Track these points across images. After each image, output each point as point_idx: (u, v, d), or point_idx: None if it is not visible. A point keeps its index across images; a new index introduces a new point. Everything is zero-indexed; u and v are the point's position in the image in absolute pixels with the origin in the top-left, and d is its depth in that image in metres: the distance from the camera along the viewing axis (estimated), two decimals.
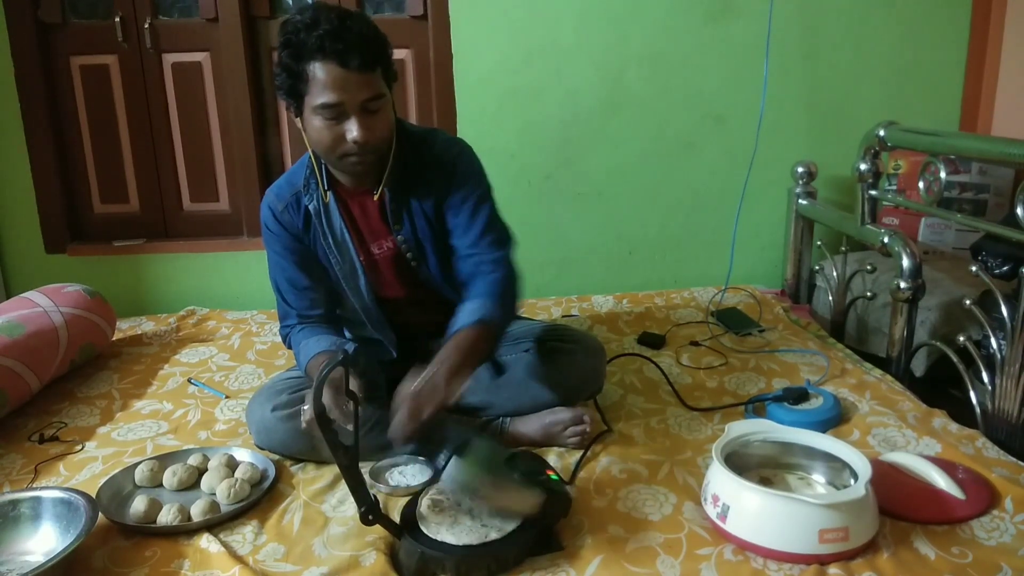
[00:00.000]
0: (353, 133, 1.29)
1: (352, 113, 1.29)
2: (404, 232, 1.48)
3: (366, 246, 1.50)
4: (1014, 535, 1.17)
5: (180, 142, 2.46)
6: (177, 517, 1.23)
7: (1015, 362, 1.50)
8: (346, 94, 1.27)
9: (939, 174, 1.74)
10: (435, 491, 1.24)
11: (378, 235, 1.50)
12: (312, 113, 1.30)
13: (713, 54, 2.40)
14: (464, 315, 1.37)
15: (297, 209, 1.47)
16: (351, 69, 1.26)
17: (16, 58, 2.32)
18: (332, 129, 1.30)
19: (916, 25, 2.42)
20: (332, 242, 1.47)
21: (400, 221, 1.47)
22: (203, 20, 2.35)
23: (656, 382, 1.75)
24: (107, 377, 1.90)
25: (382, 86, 1.32)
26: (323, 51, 1.25)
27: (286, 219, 1.48)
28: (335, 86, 1.26)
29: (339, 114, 1.29)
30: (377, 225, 1.49)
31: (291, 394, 1.45)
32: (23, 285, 2.33)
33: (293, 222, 1.48)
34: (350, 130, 1.29)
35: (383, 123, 1.33)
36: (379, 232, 1.49)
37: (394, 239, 1.49)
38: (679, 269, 2.57)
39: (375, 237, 1.50)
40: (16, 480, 1.43)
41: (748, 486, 1.15)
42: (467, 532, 1.15)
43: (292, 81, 1.30)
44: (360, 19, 1.30)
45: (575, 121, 2.44)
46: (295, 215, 1.48)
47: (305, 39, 1.26)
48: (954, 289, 1.92)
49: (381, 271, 1.53)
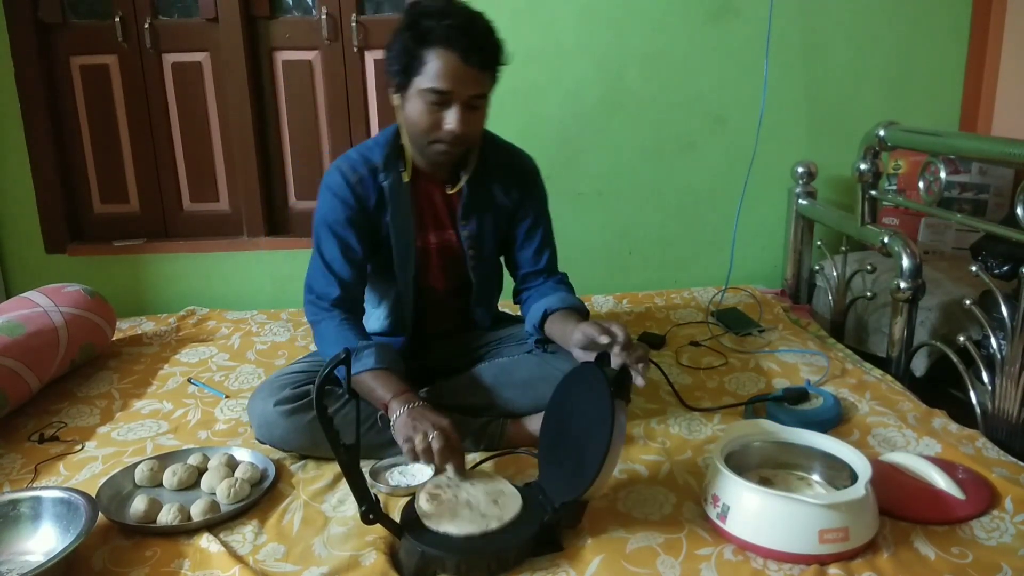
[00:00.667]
0: (451, 123, 1.36)
1: (456, 104, 1.35)
2: (470, 228, 1.55)
3: (424, 233, 1.55)
4: (1014, 535, 1.17)
5: (180, 142, 2.47)
6: (177, 517, 1.23)
7: (1015, 362, 1.50)
8: (457, 85, 1.34)
9: (939, 174, 1.74)
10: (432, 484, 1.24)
11: (439, 226, 1.55)
12: (418, 95, 1.37)
13: (713, 54, 2.40)
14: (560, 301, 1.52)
15: (372, 183, 1.49)
16: (469, 64, 1.33)
17: (16, 58, 2.32)
18: (433, 114, 1.37)
19: (916, 25, 2.42)
20: (397, 222, 1.50)
21: (468, 217, 1.54)
22: (203, 20, 2.35)
23: (656, 382, 1.75)
24: (107, 377, 1.90)
25: (488, 86, 1.40)
26: (448, 41, 1.32)
27: (359, 190, 1.49)
28: (449, 76, 1.33)
29: (444, 102, 1.36)
30: (442, 216, 1.55)
31: (294, 389, 1.45)
32: (23, 285, 2.33)
33: (365, 194, 1.49)
34: (449, 120, 1.36)
35: (479, 121, 1.42)
36: (442, 223, 1.55)
37: (456, 233, 1.55)
38: (679, 269, 2.57)
39: (435, 227, 1.55)
40: (16, 480, 1.43)
41: (748, 486, 1.15)
42: (468, 523, 1.15)
43: (407, 60, 1.35)
44: (485, 21, 1.38)
45: (575, 121, 2.44)
46: (369, 188, 1.49)
47: (433, 26, 1.32)
48: (954, 289, 1.92)
49: (430, 261, 1.57)
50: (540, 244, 1.64)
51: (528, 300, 1.62)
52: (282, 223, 2.54)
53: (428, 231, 1.55)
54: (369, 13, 2.40)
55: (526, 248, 1.63)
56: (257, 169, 2.44)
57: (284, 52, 2.41)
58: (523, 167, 1.61)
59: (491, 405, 1.52)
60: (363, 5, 2.39)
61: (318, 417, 1.09)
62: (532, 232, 1.62)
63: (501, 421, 1.50)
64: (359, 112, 2.44)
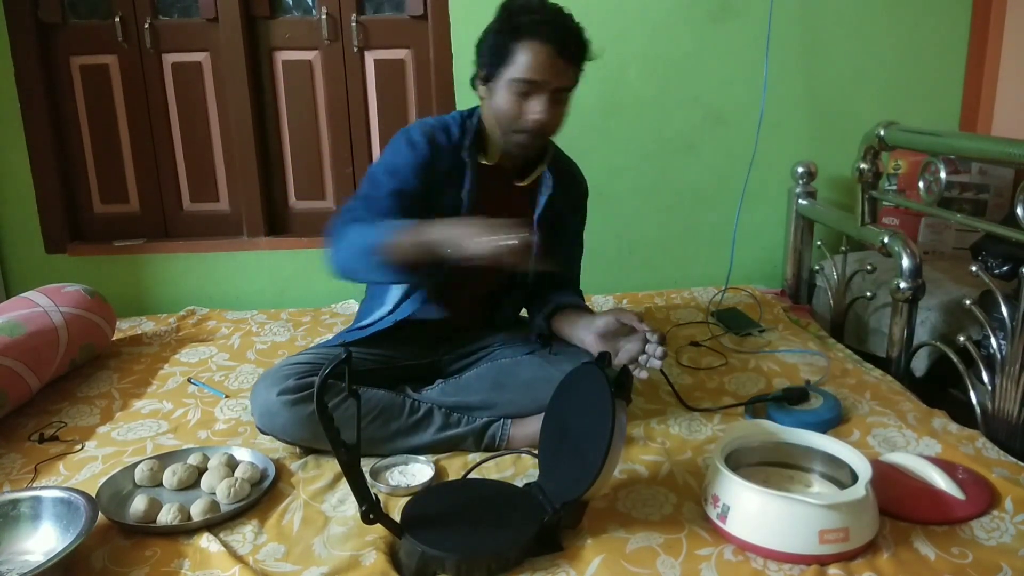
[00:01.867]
0: (537, 112, 1.42)
1: (544, 94, 1.41)
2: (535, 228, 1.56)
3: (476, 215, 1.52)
4: (1014, 535, 1.17)
5: (180, 142, 2.46)
6: (177, 517, 1.23)
7: (1015, 362, 1.50)
8: (547, 76, 1.40)
9: (939, 174, 1.74)
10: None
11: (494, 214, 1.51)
12: (507, 85, 1.42)
13: (713, 54, 2.40)
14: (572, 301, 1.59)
15: (448, 153, 1.52)
16: (560, 56, 1.39)
17: (16, 58, 2.32)
18: (519, 104, 1.43)
19: (916, 25, 2.42)
20: (469, 201, 1.53)
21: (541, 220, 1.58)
22: (203, 20, 2.35)
23: (656, 382, 1.75)
24: (107, 377, 1.90)
25: (574, 82, 1.45)
26: (539, 34, 1.38)
27: (435, 148, 1.50)
28: (541, 66, 1.39)
29: (532, 91, 1.41)
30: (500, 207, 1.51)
31: (297, 379, 1.45)
32: (23, 285, 2.33)
33: (441, 155, 1.51)
34: (535, 108, 1.42)
35: (561, 114, 1.48)
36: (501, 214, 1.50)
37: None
38: (679, 269, 2.57)
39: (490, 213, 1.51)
40: (16, 480, 1.43)
41: (748, 486, 1.15)
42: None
43: (498, 53, 1.42)
44: (574, 19, 1.43)
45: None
46: (444, 156, 1.51)
47: (526, 20, 1.39)
48: (954, 289, 1.92)
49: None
50: (570, 259, 1.70)
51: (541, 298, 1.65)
52: (282, 223, 2.54)
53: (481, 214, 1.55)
54: (369, 13, 2.40)
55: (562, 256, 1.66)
56: (257, 169, 2.44)
57: (284, 52, 2.41)
58: (580, 181, 1.71)
59: (492, 405, 1.52)
60: (363, 5, 2.39)
61: (319, 416, 1.09)
62: (566, 245, 1.67)
63: (502, 421, 1.50)
64: (359, 112, 2.44)
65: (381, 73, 2.42)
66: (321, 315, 2.28)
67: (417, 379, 1.61)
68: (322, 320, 2.24)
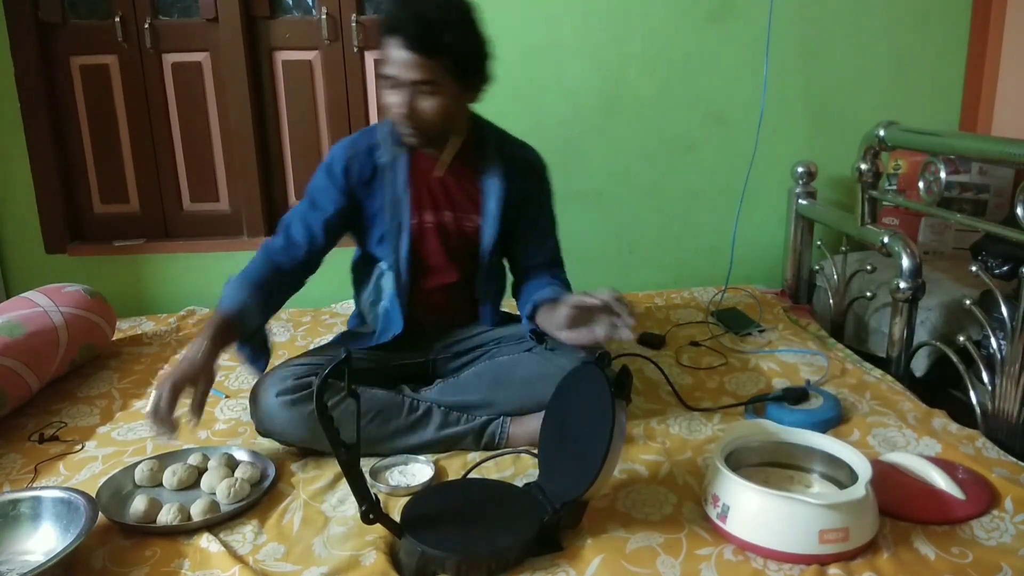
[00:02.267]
0: (396, 104, 1.43)
1: (402, 88, 1.42)
2: (482, 215, 1.58)
3: (422, 212, 1.58)
4: (1014, 535, 1.17)
5: (180, 142, 2.46)
6: (177, 517, 1.23)
7: (1015, 362, 1.50)
8: (399, 71, 1.40)
9: (939, 174, 1.74)
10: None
11: (437, 207, 1.58)
12: (383, 81, 1.45)
13: (713, 54, 2.40)
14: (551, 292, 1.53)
15: (368, 159, 1.56)
16: (410, 51, 1.38)
17: (16, 58, 2.32)
18: (390, 96, 1.44)
19: (916, 25, 2.42)
20: (390, 197, 1.55)
21: (483, 205, 1.58)
22: (203, 20, 2.35)
23: (656, 382, 1.75)
24: (107, 377, 1.90)
25: (438, 74, 1.41)
26: (394, 29, 1.39)
27: (354, 166, 1.56)
28: (393, 62, 1.41)
29: (395, 86, 1.43)
30: (439, 198, 1.58)
31: (296, 380, 1.45)
32: (23, 285, 2.33)
33: (361, 170, 1.56)
34: (393, 101, 1.44)
35: (433, 108, 1.43)
36: (438, 204, 1.59)
37: (457, 217, 1.58)
38: (679, 269, 2.57)
39: (436, 208, 1.59)
40: (16, 480, 1.43)
41: (748, 486, 1.15)
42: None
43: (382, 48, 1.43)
44: (442, 9, 1.40)
45: (575, 121, 2.44)
46: (364, 165, 1.56)
47: (390, 14, 1.40)
48: (954, 289, 1.92)
49: (426, 240, 1.59)
50: (542, 238, 1.68)
51: (523, 293, 1.64)
52: None
53: (425, 210, 1.58)
54: (369, 13, 2.39)
55: (530, 243, 1.66)
56: (257, 169, 2.44)
57: (284, 52, 2.41)
58: (533, 162, 1.67)
59: (491, 404, 1.52)
60: (363, 5, 2.39)
61: (318, 415, 1.09)
62: (536, 227, 1.66)
63: (501, 419, 1.50)
64: (359, 112, 2.44)
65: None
66: (321, 315, 2.28)
67: (416, 379, 1.61)
68: (322, 320, 2.24)
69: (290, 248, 1.55)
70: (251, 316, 1.47)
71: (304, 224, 1.56)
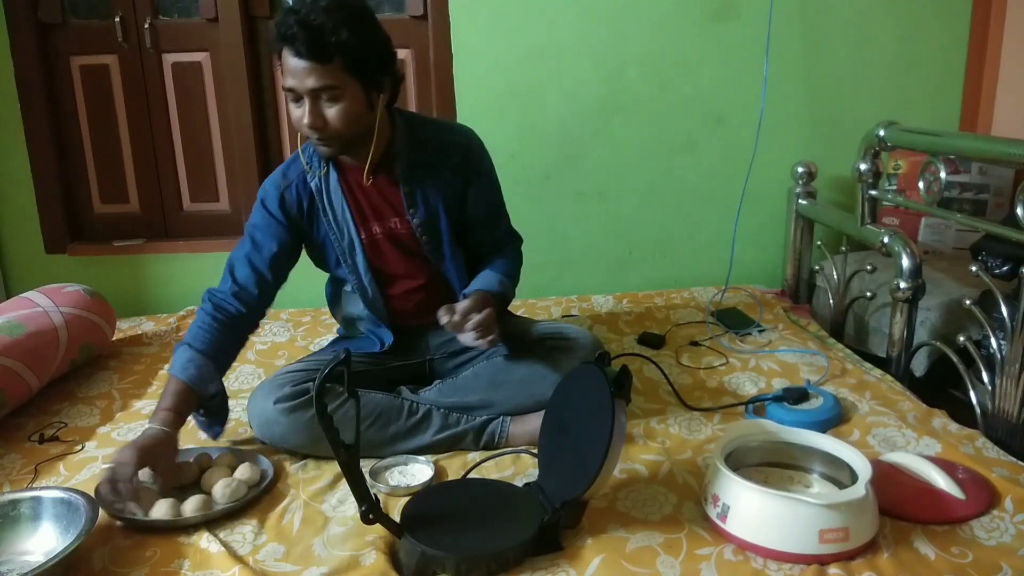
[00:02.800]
0: (301, 117, 1.38)
1: (304, 99, 1.36)
2: (420, 216, 1.54)
3: (368, 224, 1.55)
4: (1014, 535, 1.17)
5: (180, 142, 2.46)
6: (169, 512, 1.23)
7: (1015, 362, 1.50)
8: (296, 81, 1.35)
9: (939, 174, 1.74)
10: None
11: (381, 216, 1.55)
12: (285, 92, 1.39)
13: (713, 54, 2.40)
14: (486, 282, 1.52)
15: (303, 188, 1.53)
16: (302, 58, 1.33)
17: (16, 58, 2.32)
18: (294, 111, 1.40)
19: (916, 25, 2.42)
20: (332, 218, 1.53)
21: (415, 205, 1.53)
22: (203, 20, 2.35)
23: (656, 382, 1.75)
24: (107, 377, 1.89)
25: (337, 78, 1.35)
26: (283, 38, 1.34)
27: (289, 197, 1.53)
28: (289, 72, 1.35)
29: (296, 98, 1.38)
30: (381, 207, 1.54)
31: (294, 387, 1.45)
32: (23, 285, 2.33)
33: (296, 200, 1.53)
34: (298, 115, 1.39)
35: (339, 113, 1.38)
36: (382, 213, 1.55)
37: (404, 221, 1.54)
38: (679, 269, 2.57)
39: (377, 217, 1.55)
40: (16, 480, 1.43)
41: (748, 486, 1.15)
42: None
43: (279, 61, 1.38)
44: (330, 12, 1.33)
45: (575, 121, 2.44)
46: (301, 193, 1.53)
47: (278, 23, 1.35)
48: (954, 289, 1.92)
49: (382, 250, 1.57)
50: (494, 221, 1.64)
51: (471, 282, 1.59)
52: None
53: (371, 222, 1.55)
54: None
55: (480, 227, 1.61)
56: (257, 169, 2.44)
57: None
58: (461, 143, 1.57)
59: (491, 404, 1.52)
60: None
61: (318, 417, 1.09)
62: (485, 209, 1.61)
63: (501, 419, 1.50)
64: None
65: None
66: (321, 315, 2.28)
67: (414, 380, 1.61)
68: (322, 320, 2.24)
69: (239, 293, 1.51)
70: (210, 381, 1.43)
71: (250, 266, 1.52)
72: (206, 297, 1.53)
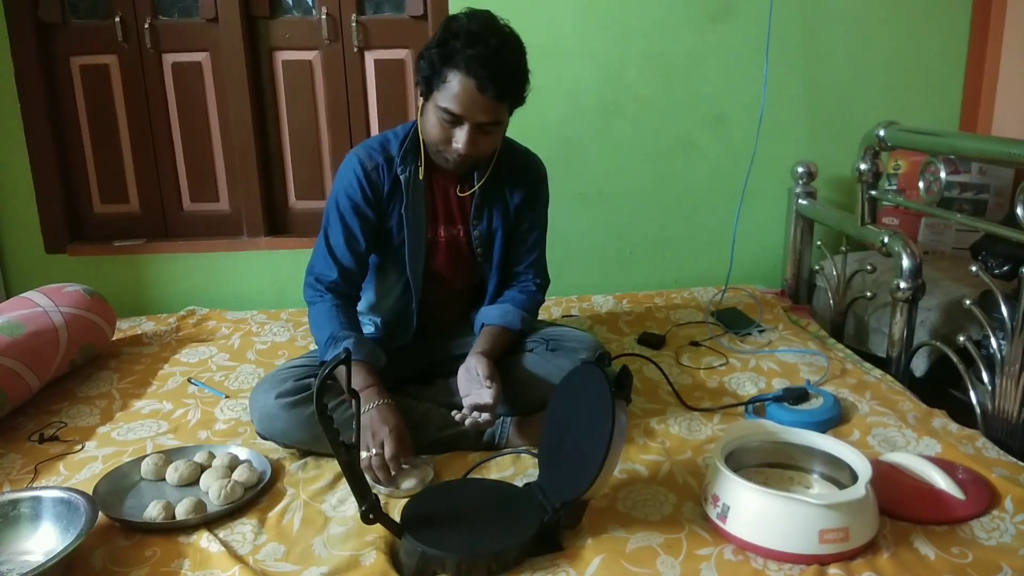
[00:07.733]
0: (459, 144, 1.41)
1: (467, 126, 1.39)
2: (481, 228, 1.59)
3: (435, 226, 1.59)
4: (1014, 535, 1.17)
5: (180, 142, 2.46)
6: (162, 514, 1.24)
7: (1015, 362, 1.50)
8: (468, 111, 1.38)
9: (939, 174, 1.74)
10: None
11: (450, 221, 1.59)
12: (435, 108, 1.41)
13: (713, 54, 2.40)
14: (500, 316, 1.58)
15: (388, 173, 1.54)
16: (484, 94, 1.36)
17: (16, 58, 2.32)
18: (445, 130, 1.42)
19: (916, 25, 2.42)
20: (411, 214, 1.54)
21: (480, 217, 1.59)
22: (203, 20, 2.35)
23: (656, 382, 1.75)
24: (107, 377, 1.89)
25: (503, 115, 1.43)
26: (468, 68, 1.35)
27: (373, 178, 1.53)
28: (463, 102, 1.37)
29: (456, 122, 1.40)
30: (454, 212, 1.59)
31: (295, 382, 1.46)
32: (23, 285, 2.33)
33: (380, 182, 1.54)
34: (458, 139, 1.41)
35: (490, 143, 1.46)
36: (452, 218, 1.59)
37: (467, 230, 1.59)
38: (679, 269, 2.57)
39: (446, 221, 1.59)
40: (16, 480, 1.43)
41: (748, 486, 1.15)
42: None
43: (431, 74, 1.41)
44: (515, 52, 1.41)
45: (575, 121, 2.44)
46: (384, 178, 1.54)
47: (459, 49, 1.35)
48: (954, 289, 1.92)
49: (439, 254, 1.60)
50: (533, 245, 1.68)
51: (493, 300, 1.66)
52: (282, 223, 2.54)
53: (439, 224, 1.59)
54: (369, 13, 2.39)
55: (521, 249, 1.67)
56: (257, 169, 2.44)
57: (284, 52, 2.41)
58: (535, 171, 1.66)
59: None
60: (363, 5, 2.39)
61: (318, 416, 1.09)
62: (527, 234, 1.66)
63: (501, 419, 1.50)
64: (359, 112, 2.44)
65: (381, 73, 2.42)
66: None
67: (416, 379, 1.61)
68: None
69: (347, 275, 1.55)
70: (379, 354, 1.49)
71: (348, 247, 1.54)
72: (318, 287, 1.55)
